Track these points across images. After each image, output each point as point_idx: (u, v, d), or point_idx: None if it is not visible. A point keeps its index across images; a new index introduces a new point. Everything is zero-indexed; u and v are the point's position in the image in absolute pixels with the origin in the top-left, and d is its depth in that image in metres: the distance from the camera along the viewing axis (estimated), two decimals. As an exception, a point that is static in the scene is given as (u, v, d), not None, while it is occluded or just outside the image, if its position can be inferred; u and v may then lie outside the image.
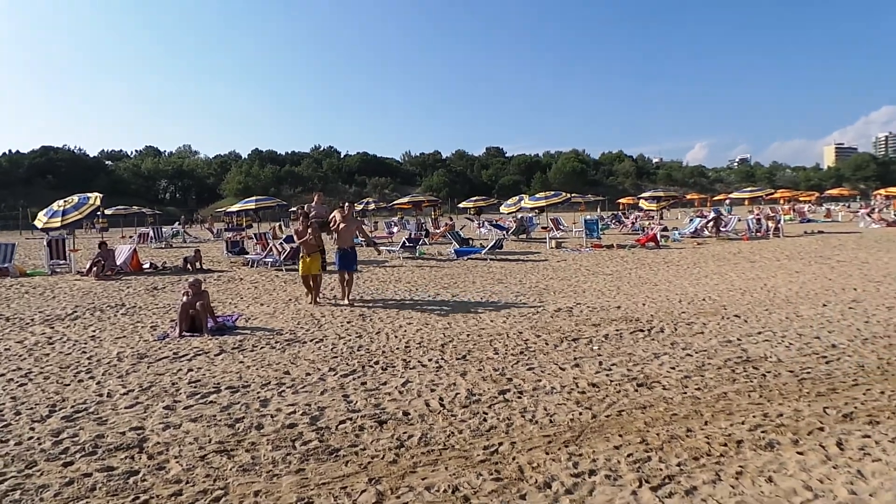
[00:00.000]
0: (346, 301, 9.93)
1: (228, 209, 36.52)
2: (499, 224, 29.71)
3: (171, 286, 12.81)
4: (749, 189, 49.22)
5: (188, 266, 16.10)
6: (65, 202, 16.26)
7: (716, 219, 24.49)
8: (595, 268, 14.64)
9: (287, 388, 5.48)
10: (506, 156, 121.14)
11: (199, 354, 6.79)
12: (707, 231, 24.22)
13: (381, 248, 19.84)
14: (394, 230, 31.76)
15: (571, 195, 29.92)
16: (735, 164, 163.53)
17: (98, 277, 13.94)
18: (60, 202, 16.39)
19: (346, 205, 10.54)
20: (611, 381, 5.51)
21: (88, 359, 6.68)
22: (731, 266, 14.26)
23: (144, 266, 16.27)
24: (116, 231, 40.44)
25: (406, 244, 19.15)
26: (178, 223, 44.89)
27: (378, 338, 7.48)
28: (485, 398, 5.13)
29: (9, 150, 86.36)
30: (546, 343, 7.02)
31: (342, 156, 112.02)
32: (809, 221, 33.87)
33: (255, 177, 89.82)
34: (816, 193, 63.71)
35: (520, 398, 5.12)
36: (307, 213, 10.65)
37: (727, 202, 53.00)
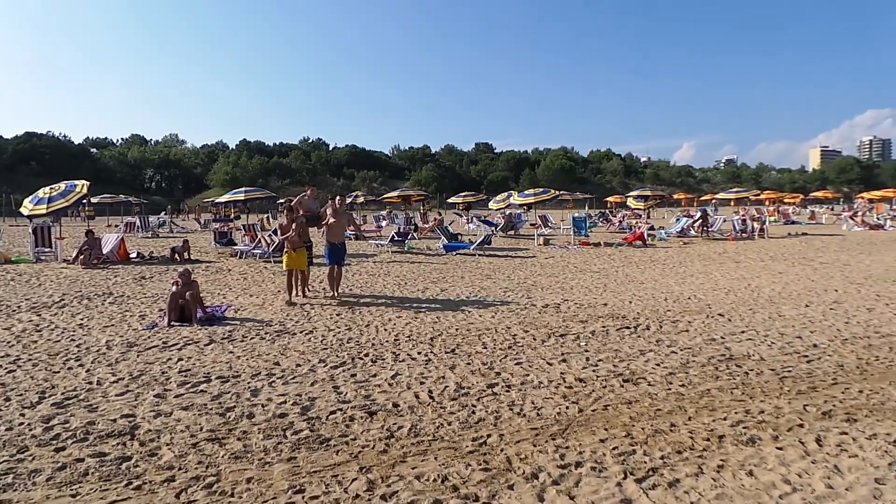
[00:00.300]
0: (335, 295, 9.84)
1: (217, 200, 36.35)
2: (487, 220, 29.80)
3: (159, 276, 12.76)
4: (735, 190, 49.71)
5: (176, 256, 16.03)
6: (51, 189, 16.12)
7: (703, 218, 24.73)
8: (583, 265, 14.76)
9: (277, 379, 5.53)
10: (495, 151, 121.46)
11: (189, 344, 6.81)
12: (693, 231, 24.47)
13: (370, 242, 19.85)
14: (382, 224, 31.74)
15: (560, 193, 30.06)
16: (722, 165, 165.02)
17: (85, 266, 13.85)
18: (47, 189, 16.24)
19: (338, 198, 10.36)
20: (597, 377, 5.61)
21: (77, 346, 6.68)
22: (717, 266, 14.45)
23: (132, 255, 16.17)
24: (102, 220, 40.03)
25: (395, 238, 19.17)
26: (165, 213, 44.59)
27: (367, 331, 7.53)
28: (473, 391, 5.20)
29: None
30: (534, 338, 7.11)
31: (331, 148, 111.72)
32: (794, 223, 34.30)
33: (243, 168, 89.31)
34: (801, 195, 64.45)
35: (508, 392, 5.20)
36: (292, 207, 10.35)
37: (713, 202, 53.50)
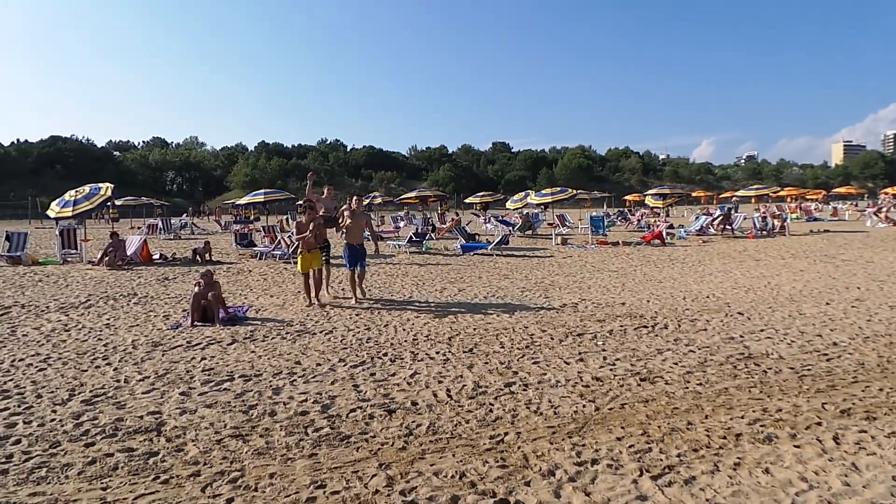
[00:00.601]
0: (356, 300, 9.51)
1: (237, 202, 36.79)
2: (505, 220, 29.81)
3: (182, 277, 12.99)
4: (755, 187, 49.13)
5: (197, 257, 16.30)
6: (76, 192, 16.47)
7: (726, 216, 24.43)
8: (600, 264, 14.74)
9: (298, 378, 5.64)
10: (512, 151, 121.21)
11: (212, 343, 6.96)
12: (713, 229, 24.26)
13: (388, 243, 19.95)
14: (400, 225, 31.89)
15: (577, 192, 29.98)
16: (742, 162, 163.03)
17: (110, 267, 14.14)
18: (72, 192, 16.60)
19: (356, 199, 10.06)
20: (614, 376, 5.64)
21: (104, 346, 6.86)
22: (737, 264, 14.34)
23: (155, 257, 16.48)
24: (125, 222, 40.72)
25: (412, 239, 19.28)
26: (187, 214, 45.22)
27: (386, 330, 7.63)
28: (491, 390, 5.26)
29: (17, 140, 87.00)
30: (551, 338, 7.15)
31: (348, 149, 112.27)
32: (816, 220, 33.83)
33: (262, 169, 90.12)
34: (823, 191, 63.45)
35: (525, 390, 5.25)
36: (312, 206, 9.82)
37: (734, 200, 52.89)
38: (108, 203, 19.20)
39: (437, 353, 6.49)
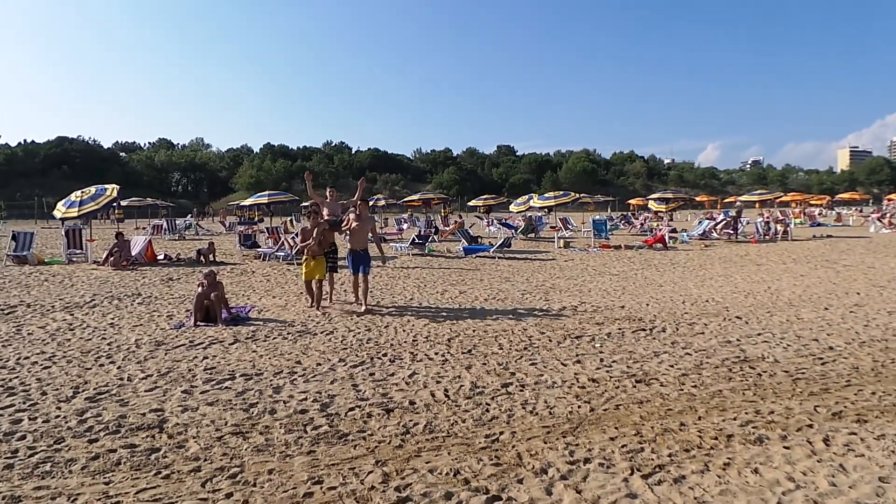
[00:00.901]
0: (363, 308, 9.05)
1: (242, 203, 36.97)
2: (508, 223, 29.89)
3: (186, 277, 13.11)
4: (758, 192, 49.04)
5: (202, 258, 16.42)
6: (83, 193, 16.63)
7: (734, 219, 24.36)
8: (602, 268, 14.80)
9: (299, 377, 5.72)
10: (516, 154, 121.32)
11: (214, 343, 7.05)
12: (716, 233, 24.27)
13: (391, 245, 20.03)
14: (404, 227, 32.01)
15: (580, 195, 30.04)
16: (747, 166, 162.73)
17: (115, 267, 14.27)
18: (78, 193, 16.76)
19: (360, 203, 9.59)
20: (610, 377, 5.71)
21: (108, 345, 6.96)
22: (738, 269, 14.38)
23: (159, 257, 16.62)
24: (130, 222, 40.92)
25: (416, 241, 19.38)
26: (191, 216, 45.42)
27: (386, 331, 7.71)
28: (488, 390, 5.34)
29: (25, 140, 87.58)
30: (550, 340, 7.22)
31: (353, 152, 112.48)
32: (819, 225, 33.81)
33: (267, 171, 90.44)
34: (828, 197, 63.31)
35: (522, 391, 5.32)
36: (317, 211, 9.56)
37: (737, 204, 52.82)
38: (114, 204, 19.32)
39: (436, 354, 6.57)
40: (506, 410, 4.83)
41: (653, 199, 36.22)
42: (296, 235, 17.58)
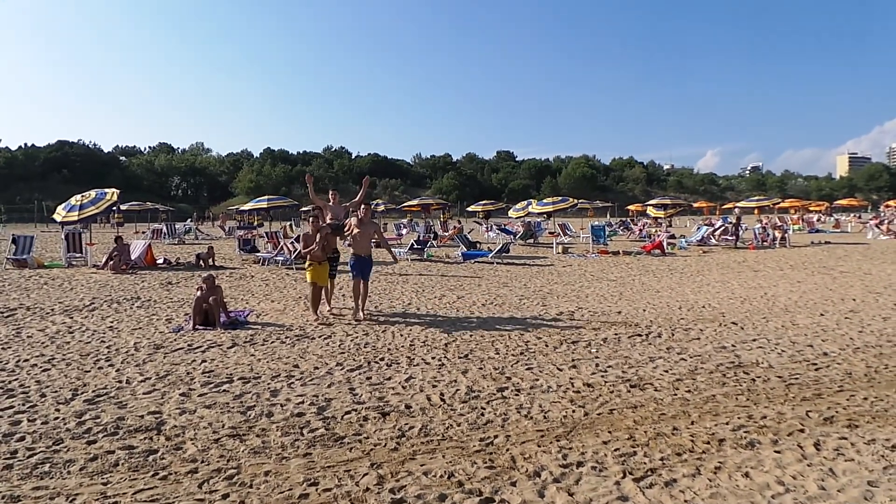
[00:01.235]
0: (361, 315, 8.85)
1: (241, 207, 37.05)
2: (507, 228, 29.96)
3: (185, 281, 13.15)
4: (756, 198, 49.20)
5: (201, 262, 16.47)
6: (83, 197, 16.66)
7: (735, 225, 24.38)
8: (600, 274, 14.86)
9: (296, 381, 5.77)
10: (516, 160, 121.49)
11: (213, 347, 7.10)
12: (714, 240, 24.33)
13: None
14: (403, 232, 32.07)
15: (579, 201, 30.12)
16: (746, 173, 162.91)
17: (114, 271, 14.32)
18: (78, 197, 16.78)
19: (364, 207, 9.35)
20: (605, 382, 5.75)
21: (107, 348, 7.01)
22: (735, 275, 14.44)
23: (158, 261, 16.66)
24: (130, 226, 40.99)
25: (414, 246, 19.43)
26: (191, 220, 45.48)
27: (384, 336, 7.76)
28: (483, 394, 5.39)
29: (25, 144, 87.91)
30: (546, 345, 7.27)
31: (353, 157, 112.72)
32: (818, 232, 33.89)
33: (267, 176, 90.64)
34: (826, 203, 63.45)
35: (517, 395, 5.37)
36: (319, 216, 9.36)
37: (736, 211, 52.90)
38: (114, 208, 19.39)
39: (433, 359, 6.61)
40: (501, 414, 4.88)
41: (651, 205, 36.33)
42: (295, 240, 17.65)
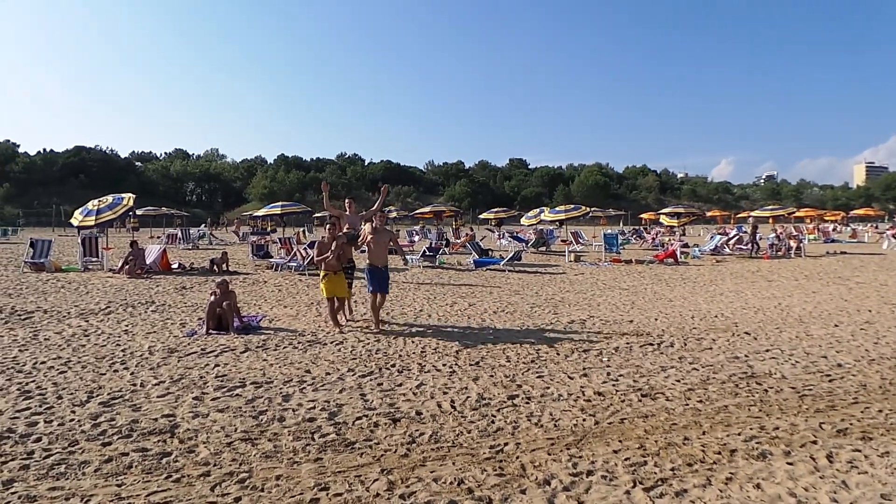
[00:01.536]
0: (376, 327, 8.58)
1: (255, 213, 37.33)
2: (519, 236, 29.93)
3: (199, 286, 13.28)
4: (770, 207, 48.78)
5: (215, 267, 16.60)
6: (99, 202, 16.88)
7: (752, 234, 24.18)
8: (612, 282, 14.81)
9: (308, 386, 5.81)
10: (529, 167, 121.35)
11: (226, 351, 7.17)
12: (728, 249, 24.15)
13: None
14: (415, 239, 32.14)
15: (591, 209, 30.05)
16: (761, 182, 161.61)
17: (129, 275, 14.48)
18: (95, 202, 17.01)
19: (379, 215, 9.04)
20: (616, 391, 5.74)
21: (122, 351, 7.10)
22: (749, 284, 14.33)
23: (173, 266, 16.82)
24: (145, 231, 41.41)
25: (426, 253, 19.47)
26: (205, 225, 45.88)
27: (395, 342, 7.79)
28: (494, 402, 5.39)
29: (44, 150, 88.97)
30: (557, 353, 7.26)
31: (366, 163, 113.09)
32: (833, 241, 33.53)
33: (281, 182, 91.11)
34: (842, 213, 62.77)
35: (527, 403, 5.37)
36: (334, 223, 8.93)
37: (750, 220, 52.52)
38: (130, 213, 19.64)
39: (444, 366, 6.63)
40: (511, 422, 4.89)
41: (664, 214, 36.16)
42: (309, 246, 17.76)
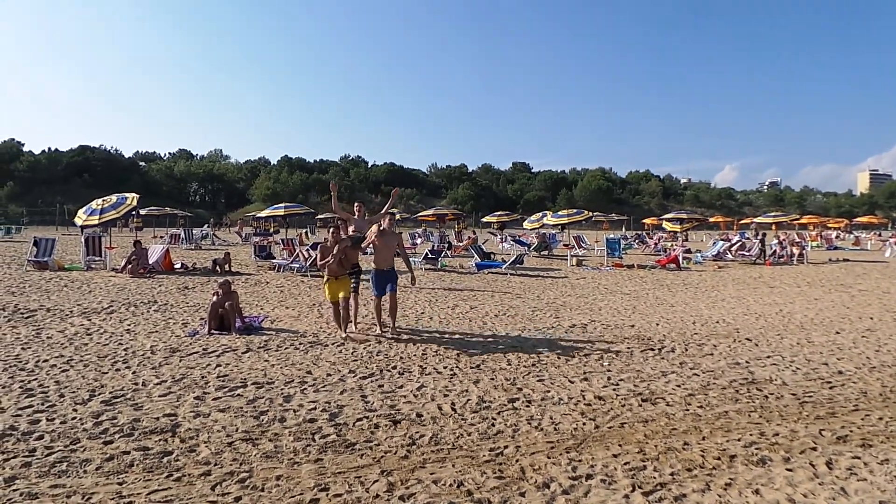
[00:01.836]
0: (391, 332, 8.33)
1: (258, 214, 37.42)
2: (521, 239, 29.95)
3: (201, 286, 13.31)
4: (773, 214, 48.74)
5: (217, 268, 16.64)
6: (103, 201, 16.95)
7: (761, 241, 24.14)
8: (613, 287, 14.81)
9: (309, 387, 5.83)
10: (532, 171, 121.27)
11: (228, 351, 7.19)
12: (731, 255, 24.14)
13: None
14: (417, 242, 32.17)
15: (594, 214, 30.06)
16: (764, 188, 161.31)
17: (132, 275, 14.52)
18: (99, 201, 17.08)
19: (388, 218, 8.74)
20: (617, 395, 5.75)
21: (124, 350, 7.12)
22: (750, 290, 14.32)
23: (176, 266, 16.87)
24: (148, 231, 41.50)
25: (429, 256, 19.49)
26: (208, 226, 45.97)
27: (396, 344, 7.80)
28: (494, 405, 5.41)
29: (48, 149, 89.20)
30: (558, 357, 7.27)
31: (369, 165, 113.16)
32: (836, 249, 33.47)
33: (284, 183, 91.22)
34: (845, 220, 62.67)
35: (528, 407, 5.38)
36: (339, 227, 8.69)
37: (753, 226, 52.47)
38: (133, 212, 19.71)
39: (445, 368, 6.64)
40: (511, 425, 4.90)
41: (667, 219, 36.16)
42: (311, 248, 17.78)
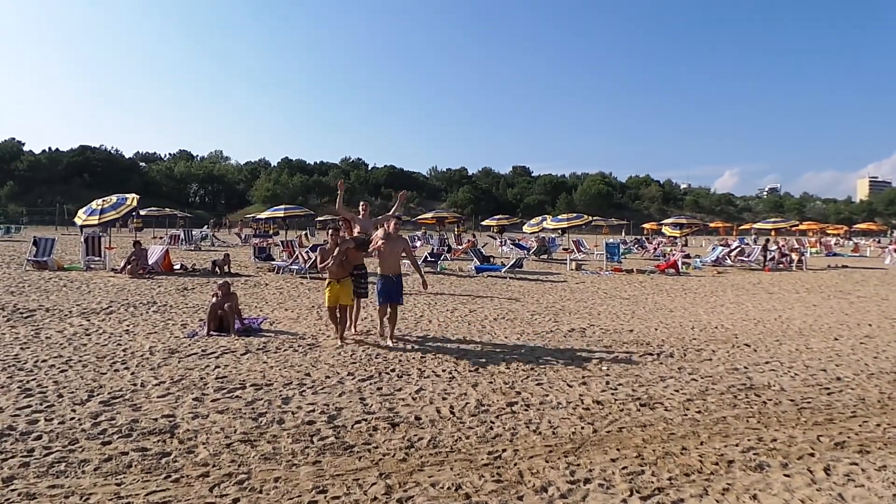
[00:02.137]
0: (391, 341, 7.98)
1: (258, 216, 37.42)
2: (520, 243, 29.95)
3: (200, 287, 13.31)
4: (772, 220, 48.78)
5: (217, 269, 16.65)
6: (103, 201, 16.94)
7: (764, 248, 24.15)
8: (613, 291, 14.82)
9: (307, 389, 5.83)
10: (532, 175, 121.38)
11: (226, 353, 7.19)
12: (730, 260, 24.16)
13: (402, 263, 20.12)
14: (417, 244, 32.17)
15: (594, 218, 30.08)
16: (764, 194, 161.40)
17: (131, 275, 14.53)
18: (99, 201, 17.07)
19: (394, 221, 8.32)
20: (615, 400, 5.75)
21: (123, 351, 7.12)
22: (749, 296, 14.33)
23: (175, 267, 16.87)
24: (148, 231, 41.48)
25: (428, 259, 19.50)
26: (207, 227, 45.98)
27: (395, 347, 7.80)
28: (493, 408, 5.41)
29: (49, 148, 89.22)
30: (556, 361, 7.27)
31: (370, 168, 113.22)
32: (836, 255, 33.51)
33: (284, 185, 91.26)
34: (845, 227, 62.70)
35: (526, 410, 5.39)
36: (338, 229, 8.52)
37: (752, 232, 52.50)
38: (133, 213, 19.72)
39: (444, 371, 6.65)
40: (509, 429, 4.90)
41: (667, 224, 36.17)
42: (311, 249, 17.79)
